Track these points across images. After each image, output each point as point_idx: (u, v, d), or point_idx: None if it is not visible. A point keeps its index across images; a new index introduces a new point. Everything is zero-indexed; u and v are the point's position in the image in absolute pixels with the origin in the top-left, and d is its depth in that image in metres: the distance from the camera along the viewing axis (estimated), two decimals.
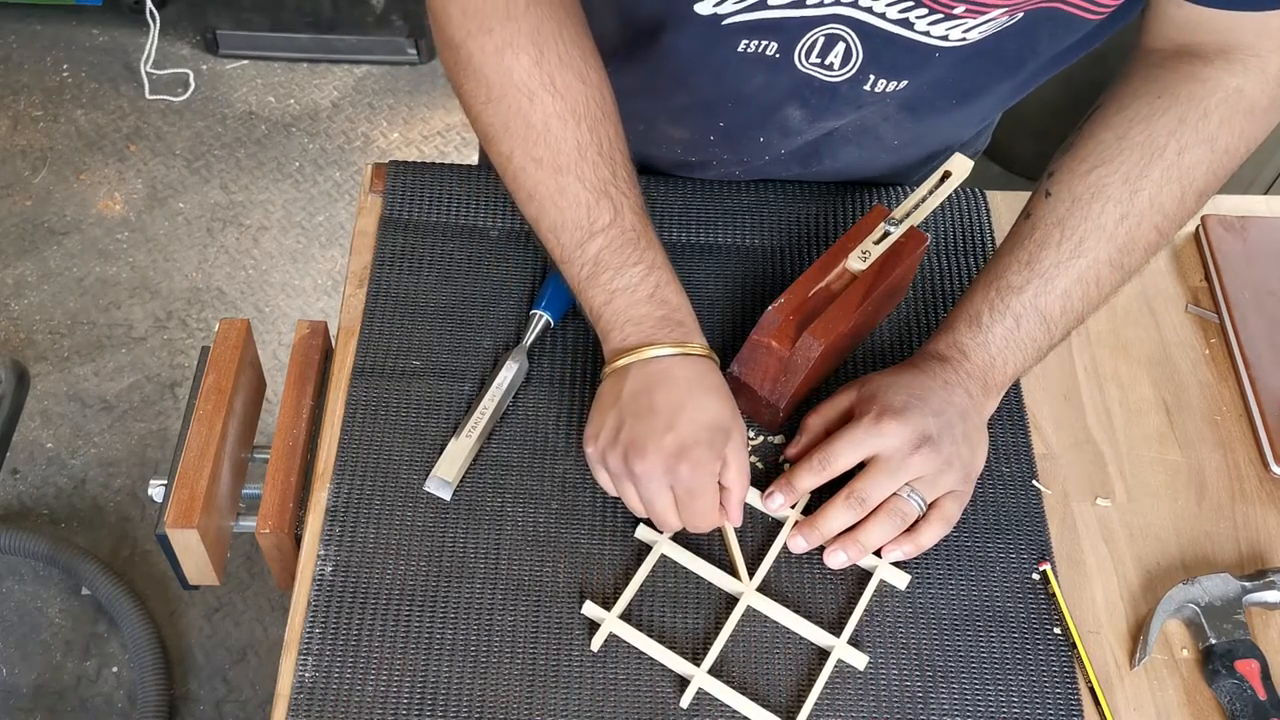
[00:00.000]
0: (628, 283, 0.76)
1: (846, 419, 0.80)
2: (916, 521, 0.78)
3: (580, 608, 0.77)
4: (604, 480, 0.78)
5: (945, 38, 0.77)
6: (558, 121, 0.75)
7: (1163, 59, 0.79)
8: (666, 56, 0.84)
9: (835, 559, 0.78)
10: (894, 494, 0.77)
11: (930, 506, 0.78)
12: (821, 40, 0.78)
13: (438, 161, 0.98)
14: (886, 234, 0.86)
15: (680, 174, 1.00)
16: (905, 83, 0.81)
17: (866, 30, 0.77)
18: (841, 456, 0.77)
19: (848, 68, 0.80)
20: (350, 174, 2.35)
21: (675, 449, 0.72)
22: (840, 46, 0.78)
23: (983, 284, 0.81)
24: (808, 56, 0.80)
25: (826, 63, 0.80)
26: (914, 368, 0.80)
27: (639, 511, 0.77)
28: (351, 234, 0.97)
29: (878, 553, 0.78)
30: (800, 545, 0.79)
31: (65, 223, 2.23)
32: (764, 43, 0.79)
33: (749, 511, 0.82)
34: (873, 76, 0.81)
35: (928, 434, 0.76)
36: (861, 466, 0.78)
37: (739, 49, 0.80)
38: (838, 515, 0.77)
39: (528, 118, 0.75)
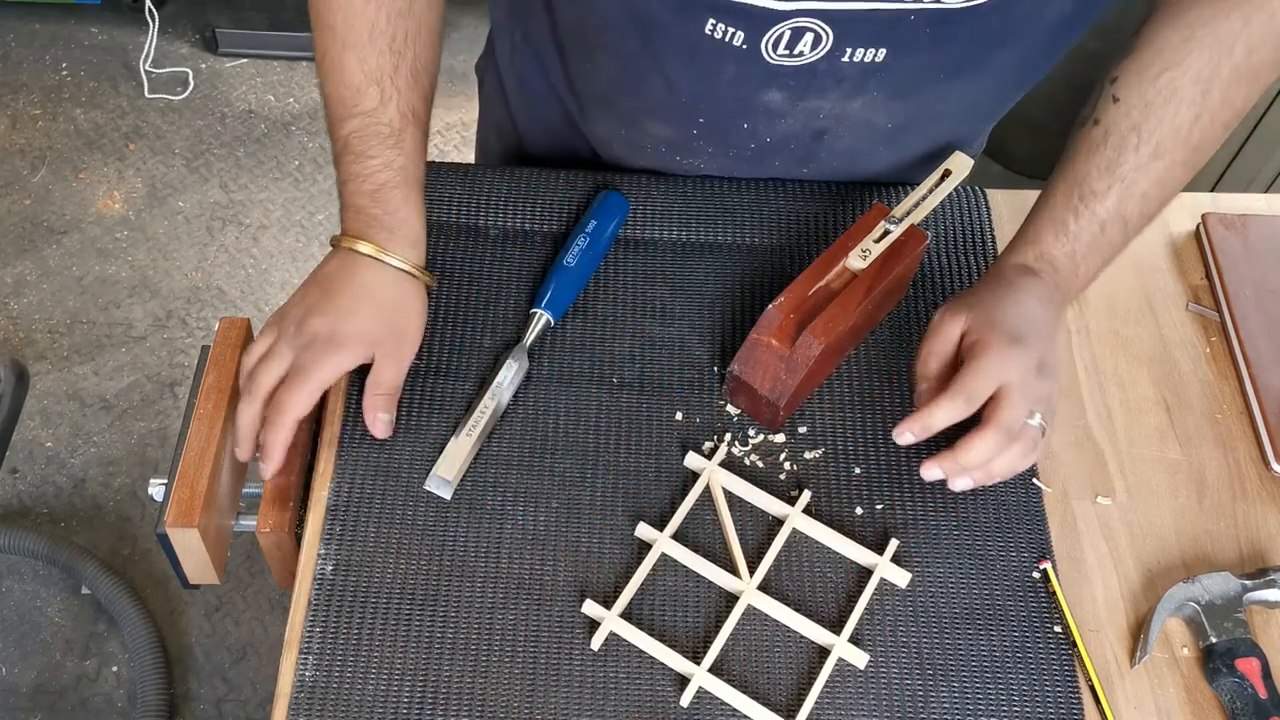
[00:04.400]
0: (360, 171, 0.81)
1: (954, 346, 0.80)
2: None
3: (580, 606, 0.77)
4: (260, 345, 0.82)
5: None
6: (361, 1, 0.78)
7: None
8: (636, 38, 0.83)
9: (961, 483, 0.78)
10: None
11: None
12: (788, 34, 0.77)
13: (437, 161, 0.97)
14: (887, 232, 0.86)
15: (675, 173, 0.99)
16: (884, 50, 0.79)
17: (834, 16, 0.76)
18: (982, 390, 0.76)
19: (819, 50, 0.79)
20: None
21: (325, 340, 0.79)
22: (809, 36, 0.78)
23: (1062, 191, 0.83)
24: (775, 49, 0.79)
25: (796, 51, 0.79)
26: (1012, 286, 0.81)
27: (254, 380, 0.81)
28: None
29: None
30: (935, 474, 0.78)
31: (64, 222, 2.23)
32: (730, 30, 0.78)
33: (749, 510, 0.82)
34: (849, 49, 0.79)
35: (1043, 357, 0.78)
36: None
37: (706, 30, 0.78)
38: (985, 447, 0.76)
39: None
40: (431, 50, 0.83)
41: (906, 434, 0.78)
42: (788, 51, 0.79)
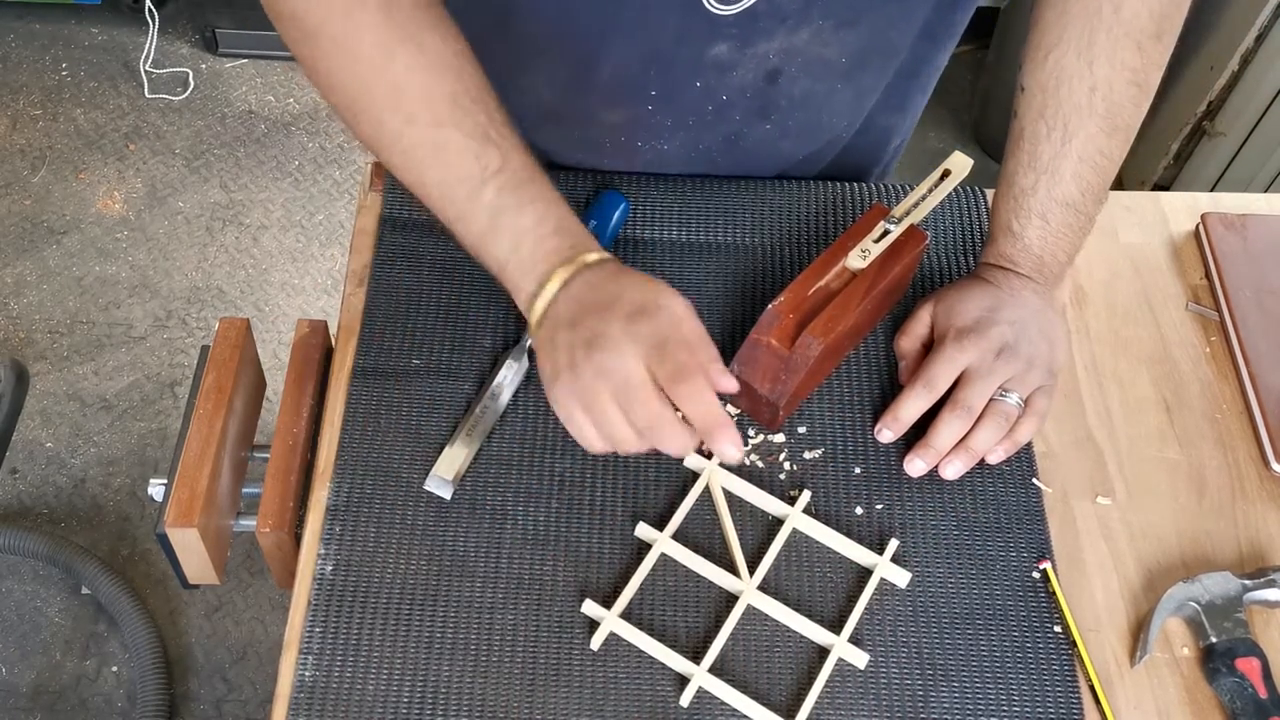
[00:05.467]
0: (531, 221, 0.73)
1: (929, 329, 0.87)
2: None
3: (580, 606, 0.77)
4: (586, 428, 0.71)
5: None
6: (422, 74, 0.72)
7: None
8: (577, 29, 0.82)
9: (951, 469, 0.82)
10: (992, 399, 0.82)
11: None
12: None
13: None
14: (886, 232, 0.86)
15: (643, 166, 0.98)
16: None
17: None
18: (939, 377, 0.83)
19: None
20: (350, 173, 2.35)
21: (627, 316, 0.69)
22: None
23: (1001, 193, 0.87)
24: None
25: None
26: (980, 280, 0.87)
27: (624, 435, 0.70)
28: (351, 233, 0.96)
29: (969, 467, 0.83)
30: (919, 467, 0.83)
31: (65, 222, 2.23)
32: None
33: (749, 510, 0.82)
34: None
35: (1005, 341, 0.82)
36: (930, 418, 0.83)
37: None
38: (949, 428, 0.82)
39: (392, 77, 0.72)
40: (486, 78, 0.76)
41: (885, 431, 0.85)
42: None
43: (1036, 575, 0.80)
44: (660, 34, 0.81)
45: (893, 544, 0.80)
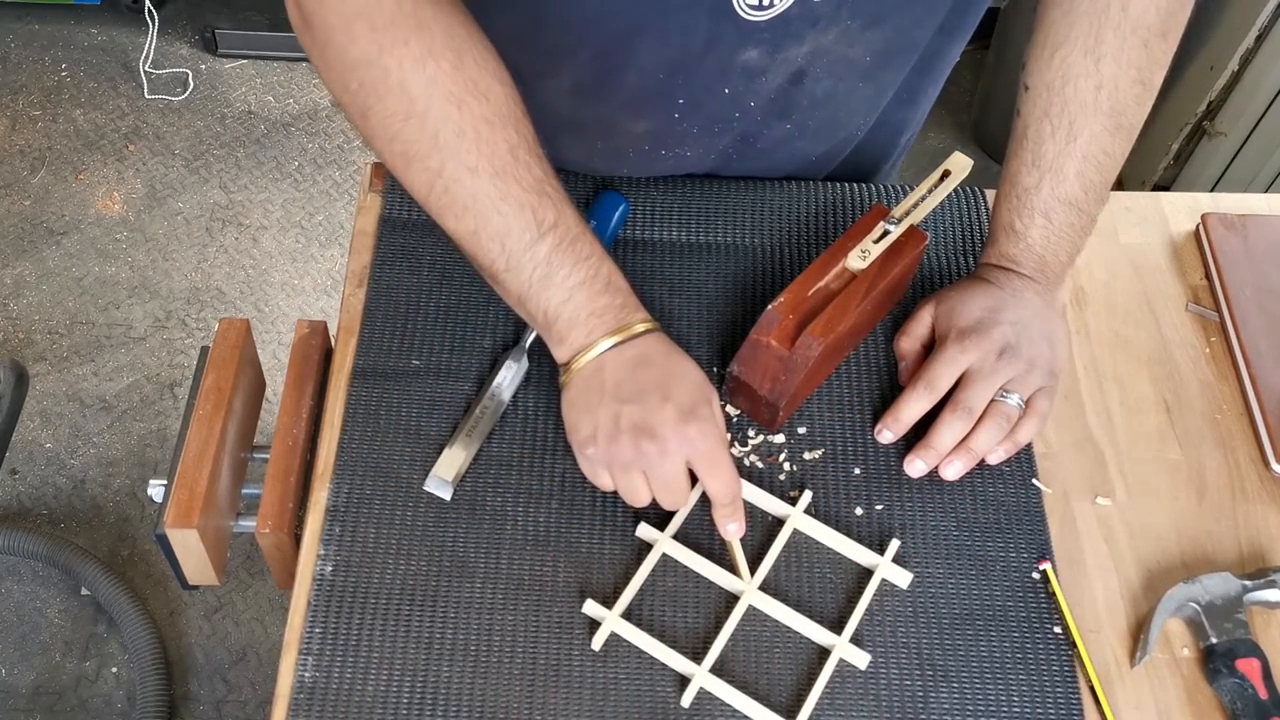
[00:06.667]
0: (584, 277, 0.76)
1: (930, 330, 0.88)
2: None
3: (581, 606, 0.77)
4: (604, 480, 0.78)
5: None
6: (486, 126, 0.73)
7: None
8: (607, 32, 0.81)
9: (951, 470, 0.82)
10: (993, 400, 0.82)
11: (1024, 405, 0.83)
12: None
13: None
14: (886, 233, 0.86)
15: (662, 172, 0.98)
16: None
17: None
18: (940, 378, 0.83)
19: None
20: (349, 173, 2.35)
21: (680, 416, 0.74)
22: None
23: (1004, 192, 0.87)
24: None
25: (766, 3, 0.77)
26: (981, 280, 0.87)
27: (641, 501, 0.76)
28: (351, 233, 0.96)
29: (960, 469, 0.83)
30: (919, 468, 0.83)
31: (64, 222, 2.23)
32: None
33: (749, 511, 0.82)
34: None
35: (1007, 342, 0.82)
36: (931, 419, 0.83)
37: None
38: (950, 428, 0.82)
39: (459, 125, 0.73)
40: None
41: (885, 432, 0.85)
42: (755, 3, 0.77)
43: (1036, 576, 0.80)
44: (689, 41, 0.81)
45: (894, 544, 0.80)
